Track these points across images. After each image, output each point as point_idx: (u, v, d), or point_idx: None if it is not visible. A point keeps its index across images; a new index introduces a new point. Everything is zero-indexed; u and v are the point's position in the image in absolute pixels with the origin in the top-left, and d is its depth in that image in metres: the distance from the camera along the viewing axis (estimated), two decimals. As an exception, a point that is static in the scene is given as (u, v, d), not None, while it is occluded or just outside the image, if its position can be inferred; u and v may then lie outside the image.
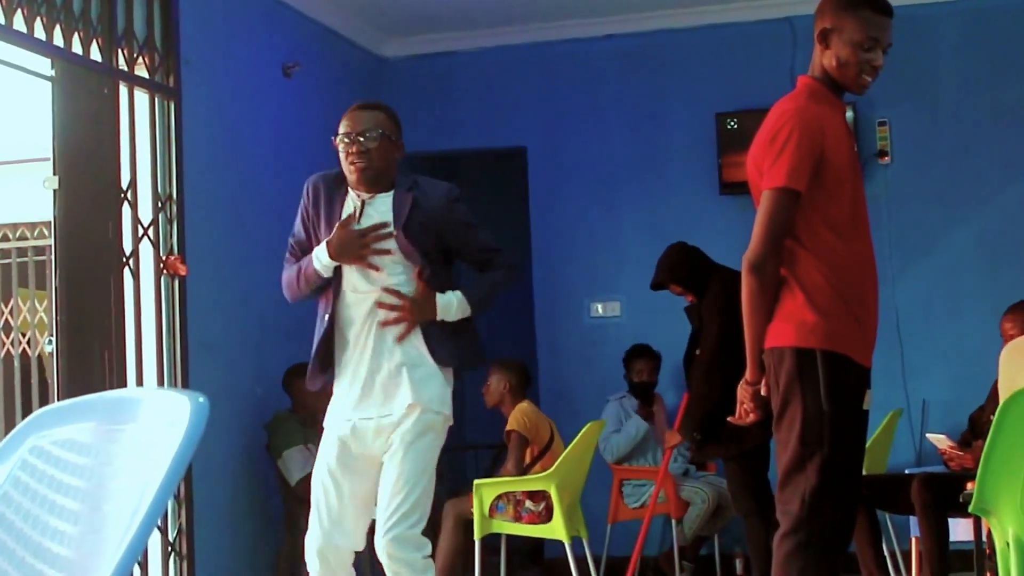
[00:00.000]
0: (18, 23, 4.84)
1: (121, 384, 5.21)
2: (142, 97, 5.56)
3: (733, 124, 7.38)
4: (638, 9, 7.53)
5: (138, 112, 5.51)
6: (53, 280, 5.12)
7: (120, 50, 5.39)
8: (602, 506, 6.83)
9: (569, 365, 7.70)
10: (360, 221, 3.98)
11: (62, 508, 1.72)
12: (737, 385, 3.54)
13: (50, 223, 5.09)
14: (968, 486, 3.84)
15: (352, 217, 3.98)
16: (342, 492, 3.99)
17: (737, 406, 3.55)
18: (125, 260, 5.38)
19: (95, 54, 5.24)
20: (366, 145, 3.96)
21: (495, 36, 7.79)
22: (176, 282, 5.64)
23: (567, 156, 7.80)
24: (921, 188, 7.31)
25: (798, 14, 6.72)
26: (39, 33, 4.94)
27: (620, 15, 7.59)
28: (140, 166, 5.50)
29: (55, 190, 5.02)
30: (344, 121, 4.03)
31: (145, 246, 5.51)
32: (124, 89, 5.42)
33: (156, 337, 5.53)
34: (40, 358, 7.69)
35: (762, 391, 3.46)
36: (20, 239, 8.04)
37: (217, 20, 6.17)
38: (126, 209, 5.40)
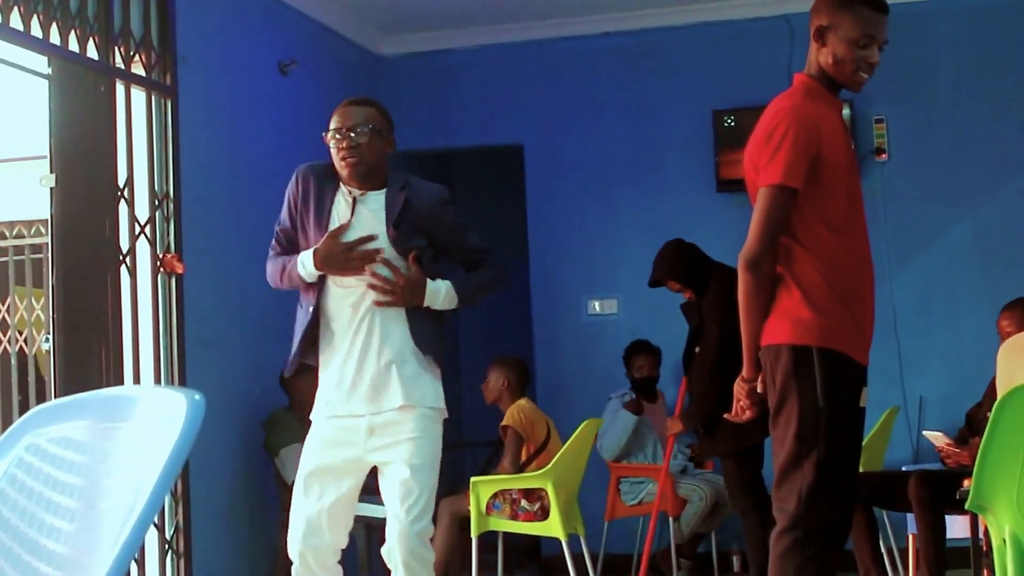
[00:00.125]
0: (15, 21, 4.84)
1: (118, 382, 5.21)
2: (139, 95, 5.56)
3: (730, 121, 7.37)
4: (635, 7, 7.53)
5: (135, 110, 5.50)
6: (50, 278, 5.11)
7: (117, 48, 5.39)
8: (599, 503, 6.81)
9: (566, 363, 7.69)
10: (352, 219, 3.97)
11: (58, 506, 1.72)
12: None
13: (47, 221, 5.09)
14: (965, 483, 3.84)
15: (343, 228, 3.95)
16: (323, 493, 3.96)
17: (733, 403, 3.55)
18: (122, 258, 5.38)
19: (92, 52, 5.24)
20: (357, 140, 3.95)
21: (492, 34, 7.79)
22: (173, 280, 5.64)
23: (564, 154, 7.79)
24: (918, 186, 7.31)
25: (795, 11, 6.71)
26: (36, 31, 4.94)
27: (617, 12, 7.58)
28: (137, 164, 5.49)
29: (52, 188, 5.02)
30: (335, 116, 4.02)
31: (142, 244, 5.51)
32: (121, 87, 5.41)
33: (153, 335, 5.53)
34: (37, 356, 7.68)
35: (758, 388, 3.47)
36: (17, 237, 8.02)
37: (214, 18, 6.16)
38: (123, 207, 5.40)
